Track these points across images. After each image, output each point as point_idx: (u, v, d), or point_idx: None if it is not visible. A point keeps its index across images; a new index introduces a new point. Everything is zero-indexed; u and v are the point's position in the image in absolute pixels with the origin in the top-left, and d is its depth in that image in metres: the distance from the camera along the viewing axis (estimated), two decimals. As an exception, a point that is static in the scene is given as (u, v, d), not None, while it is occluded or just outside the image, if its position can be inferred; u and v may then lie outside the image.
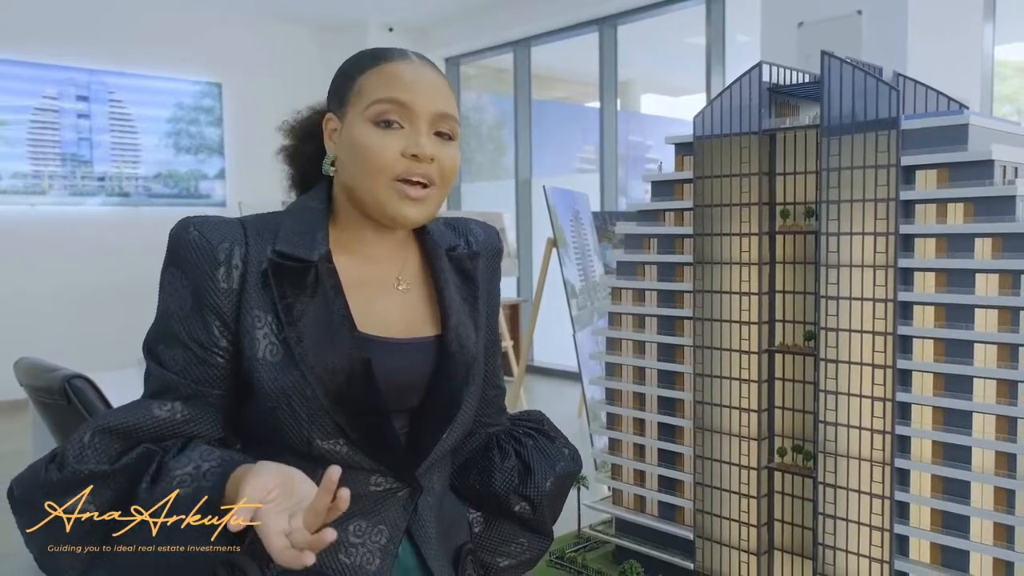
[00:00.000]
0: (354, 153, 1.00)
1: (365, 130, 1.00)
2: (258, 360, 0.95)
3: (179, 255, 0.98)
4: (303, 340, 0.95)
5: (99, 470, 0.90)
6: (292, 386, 0.94)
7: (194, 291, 0.96)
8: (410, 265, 1.09)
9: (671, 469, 2.43)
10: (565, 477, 1.20)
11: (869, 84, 1.93)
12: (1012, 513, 1.80)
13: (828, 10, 3.88)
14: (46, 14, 6.03)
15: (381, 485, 1.00)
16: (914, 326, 1.92)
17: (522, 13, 6.78)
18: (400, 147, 0.99)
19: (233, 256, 0.97)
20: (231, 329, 0.97)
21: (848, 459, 2.01)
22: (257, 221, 1.03)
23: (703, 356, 2.28)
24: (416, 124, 1.00)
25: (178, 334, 0.97)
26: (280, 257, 0.98)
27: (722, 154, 2.20)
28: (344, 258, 1.03)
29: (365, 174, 0.99)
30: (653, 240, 2.46)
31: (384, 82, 1.01)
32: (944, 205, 1.88)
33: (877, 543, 1.97)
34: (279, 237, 1.00)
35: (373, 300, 1.03)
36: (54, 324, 6.02)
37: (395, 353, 1.01)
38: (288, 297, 0.97)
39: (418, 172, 0.99)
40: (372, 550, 0.99)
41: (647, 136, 7.90)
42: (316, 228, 1.02)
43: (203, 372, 0.97)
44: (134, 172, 6.62)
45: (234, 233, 0.99)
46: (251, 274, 0.97)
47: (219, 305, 0.96)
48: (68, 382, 2.83)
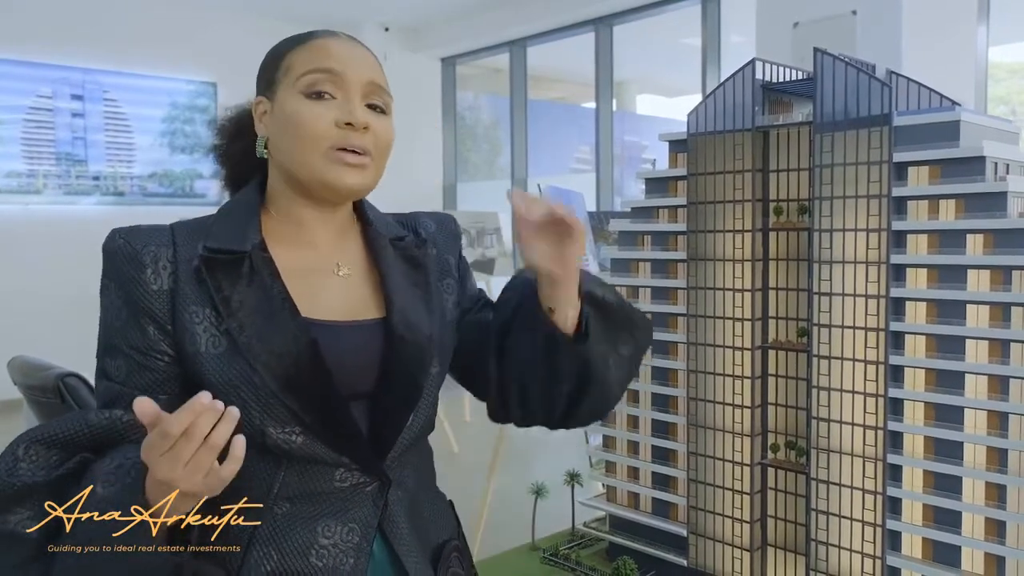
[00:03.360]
0: (288, 127, 0.99)
1: (297, 103, 0.99)
2: (201, 354, 0.94)
3: (109, 266, 0.98)
4: (245, 329, 0.94)
5: (33, 482, 0.87)
6: (239, 375, 0.92)
7: (126, 299, 0.96)
8: (351, 252, 1.08)
9: (665, 466, 2.44)
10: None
11: (862, 81, 1.93)
12: (1003, 508, 1.81)
13: (823, 10, 3.89)
14: (40, 13, 6.02)
15: (347, 480, 0.98)
16: (906, 322, 1.93)
17: (518, 13, 6.79)
18: (334, 116, 0.98)
19: (160, 257, 0.97)
20: (166, 331, 0.96)
21: (841, 455, 2.02)
22: (189, 223, 1.02)
23: (697, 352, 2.29)
24: (348, 93, 0.99)
25: (118, 344, 0.96)
26: (211, 251, 0.97)
27: (716, 151, 2.21)
28: (280, 247, 1.02)
29: (300, 146, 0.98)
30: (647, 237, 2.46)
31: (313, 55, 1.01)
32: (936, 201, 1.89)
33: (869, 539, 1.98)
34: (211, 235, 0.99)
35: (313, 286, 1.01)
36: (48, 323, 6.01)
37: (340, 336, 1.00)
38: (224, 289, 0.95)
39: (354, 142, 0.98)
40: (345, 550, 0.96)
41: (643, 136, 7.92)
42: (248, 219, 1.02)
43: (146, 378, 0.96)
44: (129, 171, 6.61)
45: (160, 236, 0.99)
46: (182, 272, 0.96)
47: (151, 307, 0.95)
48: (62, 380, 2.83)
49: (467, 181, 8.27)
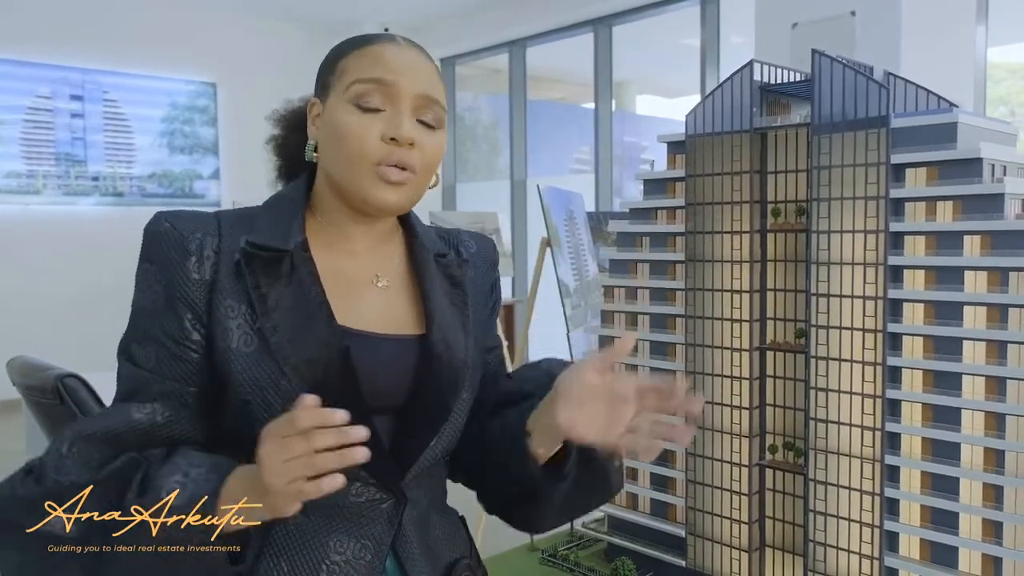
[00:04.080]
0: (334, 137, 0.97)
1: (345, 112, 0.96)
2: (232, 351, 0.91)
3: (151, 249, 0.95)
4: (278, 330, 0.91)
5: (81, 480, 0.85)
6: (266, 377, 0.90)
7: (166, 284, 0.93)
8: (393, 263, 1.05)
9: (663, 467, 2.44)
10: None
11: (860, 83, 1.94)
12: (1000, 509, 1.81)
13: (822, 11, 3.89)
14: (40, 13, 6.02)
15: (363, 495, 0.95)
16: (904, 323, 1.93)
17: (517, 13, 6.79)
18: (380, 130, 0.95)
19: (205, 247, 0.94)
20: (203, 321, 0.93)
21: (839, 456, 2.02)
22: (233, 214, 1.00)
23: (695, 354, 2.29)
24: (398, 106, 0.96)
25: (150, 330, 0.93)
26: (253, 247, 0.94)
27: (714, 152, 2.21)
28: (321, 250, 0.99)
29: (345, 159, 0.96)
30: (646, 238, 2.47)
31: (368, 63, 0.98)
32: (933, 203, 1.89)
33: (867, 539, 1.98)
34: (254, 228, 0.96)
35: (351, 293, 0.99)
36: (48, 323, 6.01)
37: (375, 347, 0.97)
38: (262, 287, 0.93)
39: (398, 158, 0.95)
40: (357, 567, 0.94)
41: (642, 137, 7.92)
42: (292, 218, 0.98)
43: (177, 368, 0.93)
44: (128, 172, 6.61)
45: (207, 224, 0.96)
46: (224, 264, 0.93)
47: (190, 296, 0.93)
48: (61, 381, 2.83)
49: (466, 181, 8.28)
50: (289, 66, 6.95)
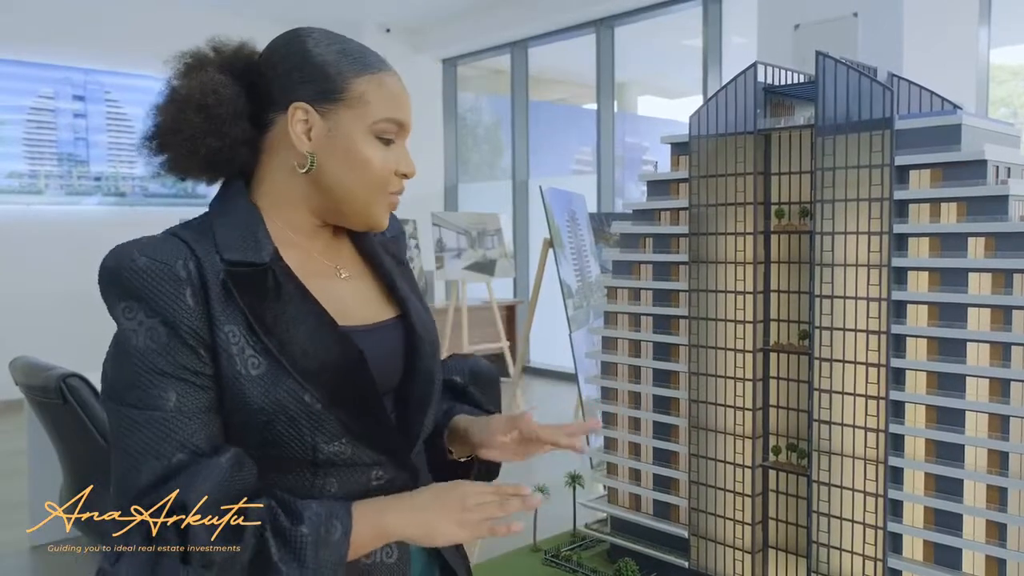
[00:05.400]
0: (354, 162, 1.00)
1: (368, 143, 1.01)
2: (241, 376, 0.89)
3: (133, 287, 0.88)
4: (287, 346, 0.91)
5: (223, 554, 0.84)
6: (287, 395, 0.90)
7: (164, 320, 0.88)
8: (344, 254, 1.12)
9: (666, 467, 2.44)
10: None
11: (863, 84, 1.94)
12: (1004, 511, 1.81)
13: (824, 12, 3.89)
14: (42, 14, 6.03)
15: (382, 479, 1.00)
16: (908, 325, 1.93)
17: (519, 14, 6.79)
18: (394, 164, 1.04)
19: (191, 273, 0.90)
20: (211, 352, 0.90)
21: (842, 457, 2.02)
22: (189, 231, 0.96)
23: (698, 355, 2.29)
24: (401, 141, 1.06)
25: (162, 369, 0.87)
26: (232, 265, 0.92)
27: (717, 154, 2.21)
28: (287, 253, 0.99)
29: (364, 185, 1.01)
30: (649, 239, 2.46)
31: (387, 98, 1.03)
32: (937, 205, 1.89)
33: (871, 541, 1.98)
34: (219, 244, 0.94)
35: (326, 291, 1.01)
36: (50, 324, 6.02)
37: (370, 339, 1.03)
38: (256, 307, 0.91)
39: (399, 186, 1.06)
40: (389, 545, 1.00)
41: (644, 138, 7.92)
42: (254, 227, 0.97)
43: (204, 399, 0.89)
44: (130, 172, 6.61)
45: (179, 248, 0.92)
46: (211, 288, 0.90)
47: (195, 327, 0.88)
48: (63, 381, 2.83)
49: (468, 182, 8.28)
50: (291, 66, 6.96)
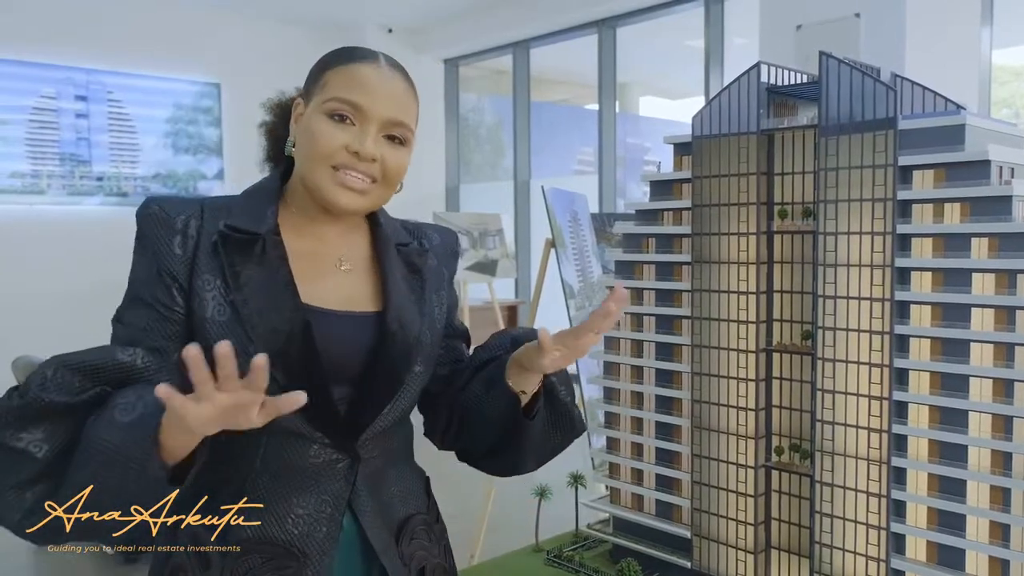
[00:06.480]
0: (306, 139, 1.10)
1: (318, 121, 1.09)
2: (207, 319, 1.05)
3: (142, 227, 1.10)
4: (248, 303, 1.05)
5: (59, 400, 0.94)
6: (236, 344, 0.96)
7: (154, 256, 1.07)
8: (356, 250, 1.19)
9: (669, 468, 2.44)
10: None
11: (867, 84, 1.94)
12: (1008, 511, 1.81)
13: (826, 13, 3.89)
14: (44, 14, 6.04)
15: (321, 456, 1.08)
16: (911, 325, 1.93)
17: (521, 15, 6.80)
18: (346, 141, 1.08)
19: (189, 227, 1.08)
20: (184, 292, 1.06)
21: (845, 458, 2.02)
22: (216, 200, 1.14)
23: (701, 355, 2.29)
24: (366, 126, 1.09)
25: (143, 296, 1.07)
26: (230, 229, 1.08)
27: (720, 154, 2.21)
28: (292, 236, 1.13)
29: (310, 159, 1.09)
30: (651, 239, 2.46)
31: (345, 82, 1.10)
32: (941, 205, 1.89)
33: (874, 541, 1.98)
34: (232, 213, 1.10)
35: (315, 274, 1.13)
36: (52, 323, 6.02)
37: (333, 324, 1.10)
38: (236, 265, 1.06)
39: (360, 168, 1.09)
40: (318, 519, 1.07)
41: (645, 138, 7.92)
42: (266, 205, 1.13)
43: (165, 328, 1.06)
44: (132, 172, 6.62)
45: (191, 208, 1.11)
46: (203, 244, 1.07)
47: (175, 270, 1.06)
48: (66, 380, 2.85)
49: (470, 183, 8.28)
50: (293, 67, 6.96)
